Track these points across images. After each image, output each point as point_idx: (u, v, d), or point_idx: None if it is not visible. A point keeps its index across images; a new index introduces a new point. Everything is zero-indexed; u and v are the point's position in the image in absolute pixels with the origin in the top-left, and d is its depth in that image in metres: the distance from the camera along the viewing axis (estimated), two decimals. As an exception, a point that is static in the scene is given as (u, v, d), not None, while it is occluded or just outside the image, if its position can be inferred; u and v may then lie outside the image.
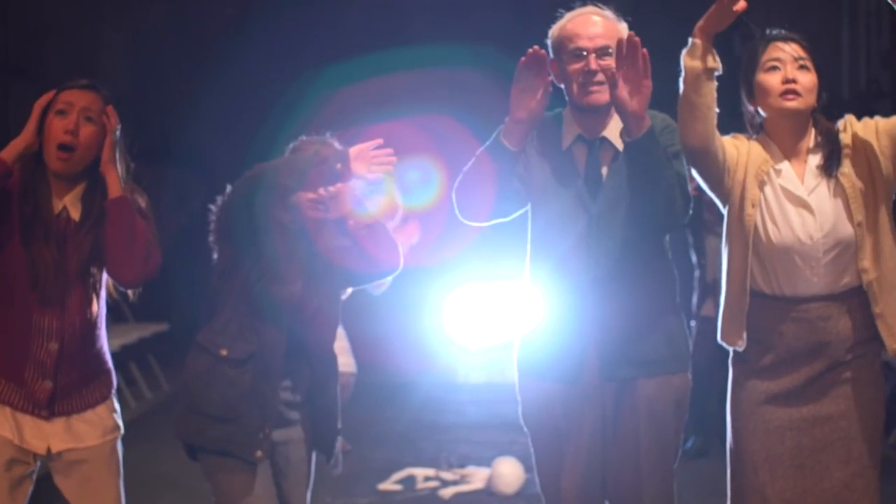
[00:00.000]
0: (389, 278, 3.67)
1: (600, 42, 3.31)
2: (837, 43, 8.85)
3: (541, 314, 3.44)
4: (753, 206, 3.24)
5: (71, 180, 3.35)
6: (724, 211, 3.36)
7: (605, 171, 3.36)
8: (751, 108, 3.32)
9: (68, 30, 9.58)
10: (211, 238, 3.61)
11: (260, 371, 3.45)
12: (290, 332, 3.49)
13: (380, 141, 3.50)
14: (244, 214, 3.43)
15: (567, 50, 3.34)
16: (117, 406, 3.49)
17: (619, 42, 3.21)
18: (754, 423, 3.28)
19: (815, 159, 3.27)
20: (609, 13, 3.39)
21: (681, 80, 3.20)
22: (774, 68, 3.23)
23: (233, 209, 3.48)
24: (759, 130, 3.34)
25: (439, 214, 9.76)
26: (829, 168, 3.24)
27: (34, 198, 3.30)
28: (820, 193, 3.24)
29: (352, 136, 3.69)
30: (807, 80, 3.22)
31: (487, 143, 3.38)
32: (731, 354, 3.38)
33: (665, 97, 3.37)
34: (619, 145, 3.32)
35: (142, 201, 3.43)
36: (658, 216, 3.24)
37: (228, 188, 3.55)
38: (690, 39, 3.19)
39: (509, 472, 6.06)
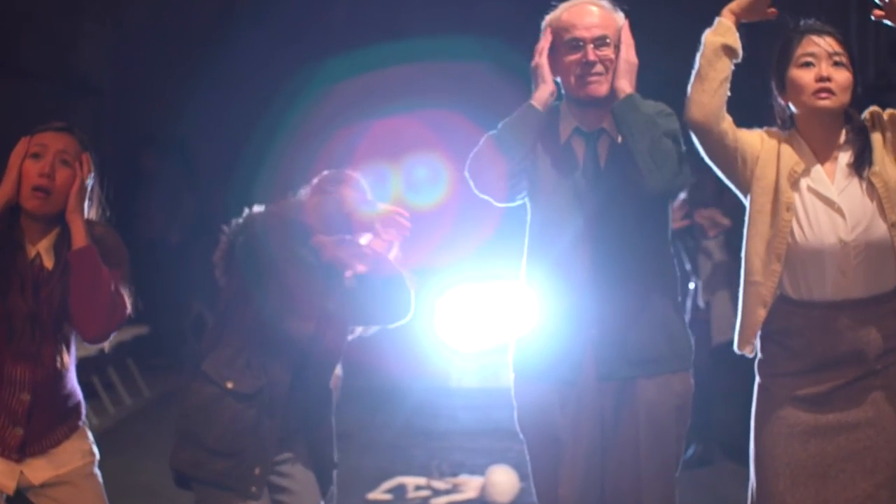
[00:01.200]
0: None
1: (597, 32, 3.34)
2: (846, 35, 8.85)
3: (537, 314, 3.43)
4: (788, 209, 3.24)
5: (45, 224, 3.38)
6: (746, 202, 3.35)
7: (603, 163, 3.37)
8: (781, 102, 3.33)
9: (46, 20, 9.54)
10: (219, 266, 3.67)
11: (265, 406, 3.52)
12: (294, 369, 3.54)
13: (403, 211, 3.60)
14: (263, 252, 3.50)
15: (563, 41, 3.36)
16: (90, 433, 3.53)
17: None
18: (778, 428, 3.27)
19: (845, 157, 3.27)
20: (605, 2, 3.41)
21: (698, 54, 3.26)
22: (808, 64, 3.23)
23: (251, 246, 3.54)
24: (788, 125, 3.33)
25: (446, 214, 9.80)
26: (860, 167, 3.24)
27: (9, 247, 3.33)
28: (851, 193, 3.23)
29: (356, 133, 3.78)
30: (841, 77, 3.22)
31: (512, 116, 3.39)
32: (756, 360, 3.37)
33: (663, 90, 3.38)
34: (619, 137, 3.33)
35: (114, 244, 3.46)
36: (651, 179, 3.22)
37: (244, 216, 3.61)
38: (717, 18, 3.25)
39: (504, 481, 6.06)
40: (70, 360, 3.43)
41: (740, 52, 3.27)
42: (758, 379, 3.37)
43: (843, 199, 3.23)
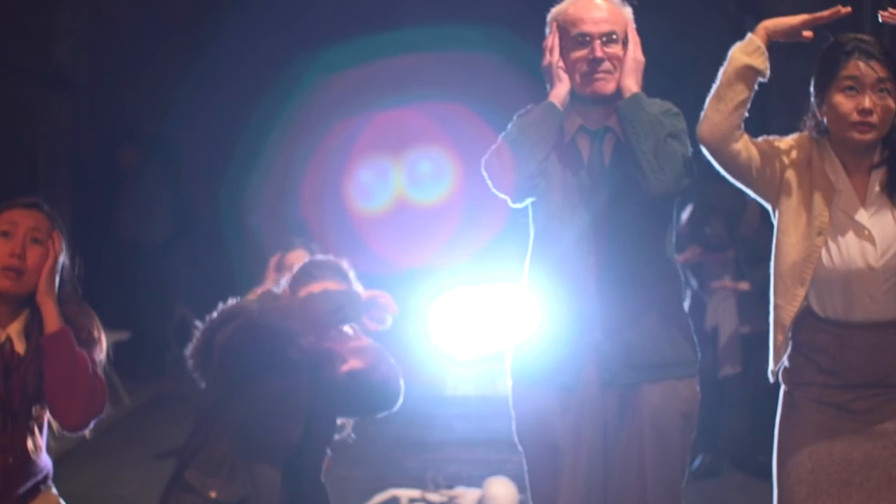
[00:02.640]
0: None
1: (605, 27, 3.36)
2: (859, 29, 8.89)
3: (538, 318, 3.44)
4: (820, 234, 3.24)
5: (15, 306, 3.35)
6: (774, 218, 3.36)
7: (608, 162, 3.39)
8: (818, 115, 3.33)
9: (20, 13, 9.54)
10: (194, 363, 3.69)
11: None
12: (284, 468, 3.58)
13: (386, 294, 3.68)
14: (246, 364, 3.54)
15: (569, 35, 3.39)
16: (54, 490, 3.50)
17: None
18: (802, 433, 3.29)
19: (877, 176, 3.28)
20: (617, 1, 3.43)
21: (721, 68, 3.26)
22: (851, 89, 3.22)
23: (234, 359, 3.56)
24: (821, 133, 3.33)
25: (449, 211, 9.81)
26: (893, 191, 3.25)
27: None
28: (881, 217, 3.25)
29: (356, 126, 3.81)
30: (884, 106, 3.21)
31: (530, 113, 3.41)
32: (781, 368, 3.39)
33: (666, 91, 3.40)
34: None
35: (88, 323, 3.42)
36: (654, 181, 3.25)
37: (219, 312, 3.63)
38: (749, 34, 3.24)
39: (502, 494, 6.06)
40: (42, 440, 3.39)
41: (767, 73, 3.26)
42: (783, 387, 3.40)
43: (874, 223, 3.24)
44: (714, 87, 3.27)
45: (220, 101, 10.22)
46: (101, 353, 3.40)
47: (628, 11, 3.43)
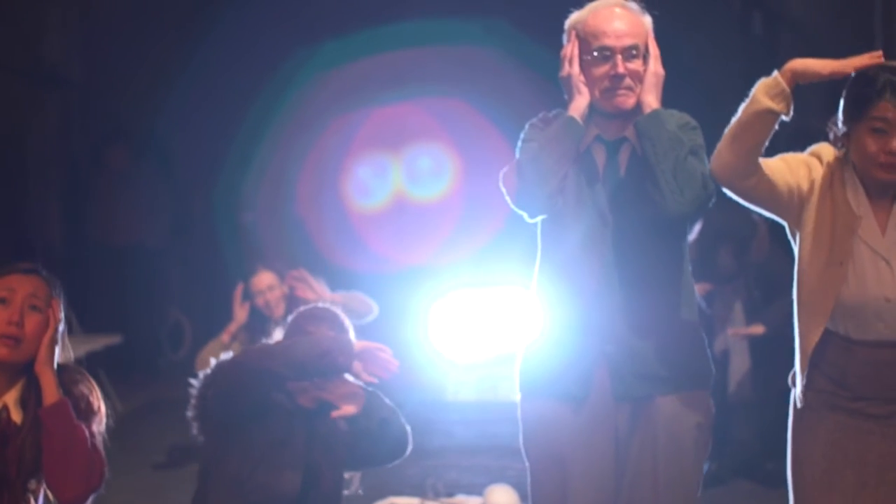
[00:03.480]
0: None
1: (627, 41, 3.33)
2: (870, 25, 8.90)
3: (547, 325, 3.43)
4: (842, 263, 3.24)
5: (13, 373, 3.33)
6: (793, 240, 3.37)
7: (624, 172, 3.39)
8: (841, 140, 3.31)
9: (9, 9, 9.53)
10: (195, 423, 3.69)
11: None
12: None
13: (386, 348, 3.67)
14: (237, 406, 3.53)
15: (589, 48, 3.35)
16: None
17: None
18: (815, 431, 3.31)
19: None
20: (633, 5, 3.39)
21: (742, 104, 3.24)
22: (880, 130, 3.20)
23: (223, 401, 3.56)
24: (843, 149, 3.32)
25: (449, 209, 9.80)
26: None
27: None
28: None
29: (353, 122, 3.78)
30: None
31: (549, 126, 3.39)
32: (792, 372, 3.41)
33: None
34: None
35: (88, 392, 3.40)
36: (672, 203, 3.24)
37: (213, 367, 3.61)
38: (776, 73, 3.20)
39: (503, 502, 6.05)
40: None
41: (789, 115, 3.24)
42: (794, 390, 3.42)
43: (894, 253, 3.24)
44: (732, 123, 3.25)
45: (215, 98, 10.20)
46: (101, 424, 3.38)
47: (648, 21, 3.39)
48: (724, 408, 6.19)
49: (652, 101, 3.32)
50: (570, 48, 3.37)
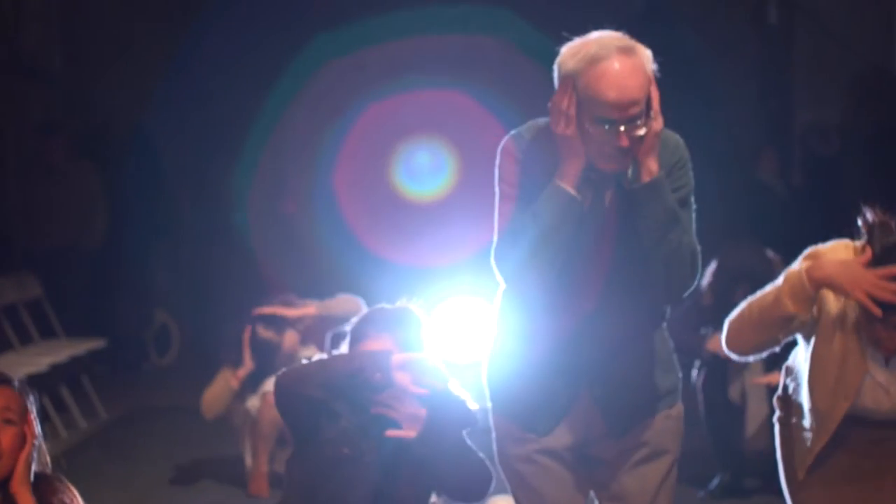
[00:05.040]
0: None
1: (633, 111, 3.13)
2: (887, 15, 8.90)
3: (516, 349, 3.41)
4: (846, 398, 3.35)
5: None
6: (807, 353, 3.45)
7: (608, 212, 3.29)
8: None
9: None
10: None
11: None
12: None
13: (433, 357, 3.59)
14: (291, 428, 3.65)
15: (589, 112, 3.15)
16: None
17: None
18: (804, 441, 3.46)
19: None
20: (638, 55, 3.16)
21: (766, 293, 3.33)
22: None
23: (284, 420, 3.66)
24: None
25: (448, 207, 9.76)
26: None
27: None
28: None
29: (349, 116, 3.74)
30: None
31: (545, 206, 3.24)
32: (777, 395, 3.57)
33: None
34: (626, 183, 3.26)
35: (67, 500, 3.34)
36: (655, 283, 3.24)
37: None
38: (806, 283, 3.25)
39: (505, 513, 6.04)
40: None
41: (810, 317, 3.33)
42: (778, 412, 3.58)
43: (892, 379, 3.35)
44: (750, 310, 3.35)
45: (204, 92, 10.19)
46: None
47: (650, 67, 3.18)
48: (741, 456, 6.22)
49: (651, 164, 3.17)
50: (567, 103, 3.15)
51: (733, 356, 3.46)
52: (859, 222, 3.36)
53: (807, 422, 3.43)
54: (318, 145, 10.19)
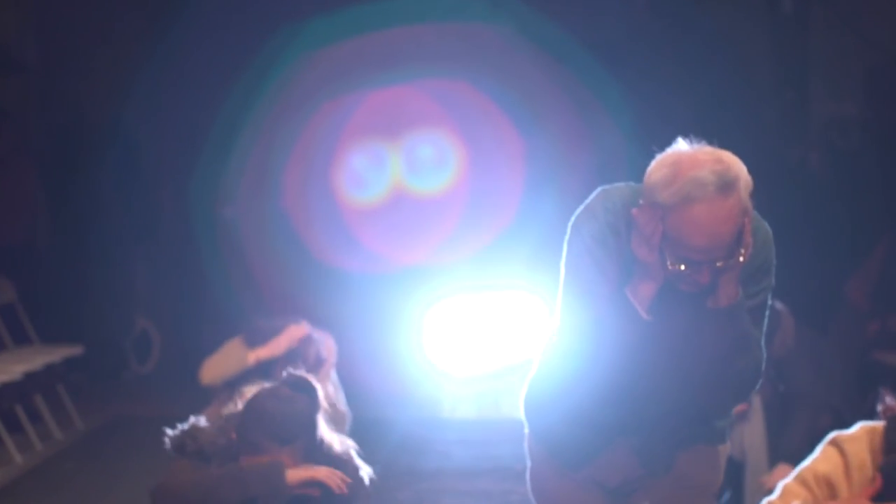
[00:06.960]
0: None
1: (718, 254, 3.12)
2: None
3: (562, 385, 3.44)
4: None
5: None
6: None
7: (668, 312, 3.28)
8: None
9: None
10: None
11: None
12: None
13: (334, 472, 3.73)
14: None
15: (674, 247, 3.13)
16: None
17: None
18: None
19: None
20: (736, 192, 3.09)
21: None
22: None
23: None
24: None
25: (452, 202, 9.78)
26: None
27: None
28: None
29: (345, 107, 3.74)
30: None
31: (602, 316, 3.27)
32: None
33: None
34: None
35: None
36: (713, 412, 3.44)
37: None
38: None
39: (506, 530, 6.06)
40: None
41: None
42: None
43: None
44: None
45: (189, 82, 10.18)
46: None
47: (747, 209, 3.12)
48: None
49: (731, 290, 3.18)
50: (652, 231, 3.12)
51: None
52: (879, 408, 3.38)
53: None
54: (312, 137, 10.20)
